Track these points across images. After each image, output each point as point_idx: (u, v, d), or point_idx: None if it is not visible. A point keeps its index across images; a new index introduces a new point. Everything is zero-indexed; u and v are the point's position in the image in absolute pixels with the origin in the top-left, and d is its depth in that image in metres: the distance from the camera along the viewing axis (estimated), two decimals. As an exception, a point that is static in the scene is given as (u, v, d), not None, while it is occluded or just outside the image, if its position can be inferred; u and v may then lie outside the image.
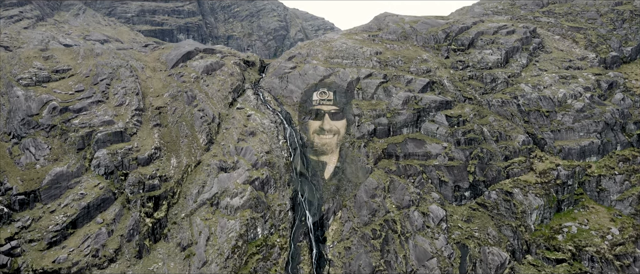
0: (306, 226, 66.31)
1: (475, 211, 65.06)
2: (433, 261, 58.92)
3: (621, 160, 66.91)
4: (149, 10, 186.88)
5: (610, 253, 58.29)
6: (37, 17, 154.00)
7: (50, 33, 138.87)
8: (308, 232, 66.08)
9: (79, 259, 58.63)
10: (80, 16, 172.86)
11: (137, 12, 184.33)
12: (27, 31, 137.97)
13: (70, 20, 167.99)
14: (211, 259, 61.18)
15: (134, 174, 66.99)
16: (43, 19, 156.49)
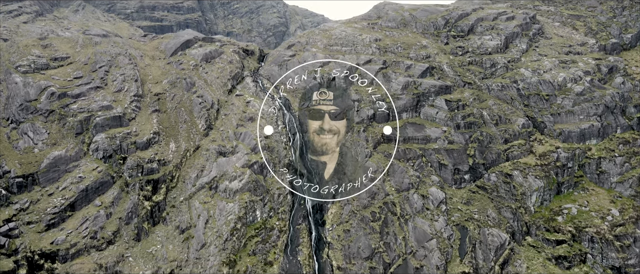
0: (305, 209, 66.12)
1: (474, 193, 64.86)
2: (432, 242, 58.73)
3: (621, 143, 66.71)
4: (148, 7, 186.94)
5: (610, 233, 58.09)
6: (36, 13, 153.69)
7: (49, 27, 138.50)
8: (307, 215, 65.89)
9: (77, 240, 58.46)
10: (80, 12, 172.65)
11: (137, 8, 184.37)
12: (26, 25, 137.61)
13: (69, 16, 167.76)
14: (210, 242, 61.02)
15: (132, 158, 66.80)
16: (42, 14, 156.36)
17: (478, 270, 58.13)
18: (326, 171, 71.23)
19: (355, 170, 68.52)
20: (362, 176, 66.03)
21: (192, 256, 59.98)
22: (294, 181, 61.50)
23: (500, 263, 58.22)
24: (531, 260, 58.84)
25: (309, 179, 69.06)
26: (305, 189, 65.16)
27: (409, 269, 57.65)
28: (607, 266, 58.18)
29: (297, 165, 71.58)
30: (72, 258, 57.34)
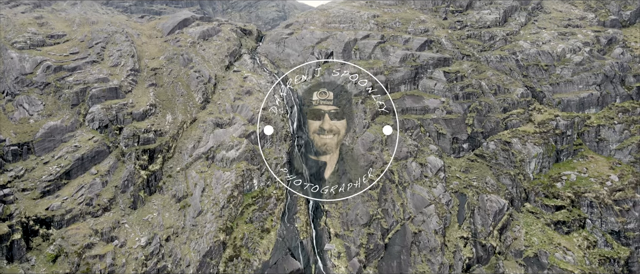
0: (303, 177, 65.62)
1: (473, 162, 64.46)
2: (431, 208, 58.31)
3: (620, 111, 66.30)
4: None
5: (609, 198, 57.72)
6: (34, 4, 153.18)
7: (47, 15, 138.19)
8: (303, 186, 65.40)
9: (73, 207, 58.00)
10: (78, 5, 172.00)
11: (135, 0, 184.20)
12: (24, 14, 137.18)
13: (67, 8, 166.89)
14: (206, 209, 60.58)
15: (128, 128, 66.27)
16: (40, 6, 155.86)
17: (476, 235, 57.73)
18: (326, 171, 70.22)
19: (356, 170, 66.60)
20: (362, 177, 64.26)
21: (189, 224, 59.55)
22: (294, 181, 59.77)
23: (498, 228, 57.82)
24: (530, 226, 58.46)
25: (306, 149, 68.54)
26: (306, 188, 63.39)
27: (407, 234, 57.24)
28: (606, 230, 57.83)
29: (295, 137, 71.12)
30: (68, 224, 56.88)
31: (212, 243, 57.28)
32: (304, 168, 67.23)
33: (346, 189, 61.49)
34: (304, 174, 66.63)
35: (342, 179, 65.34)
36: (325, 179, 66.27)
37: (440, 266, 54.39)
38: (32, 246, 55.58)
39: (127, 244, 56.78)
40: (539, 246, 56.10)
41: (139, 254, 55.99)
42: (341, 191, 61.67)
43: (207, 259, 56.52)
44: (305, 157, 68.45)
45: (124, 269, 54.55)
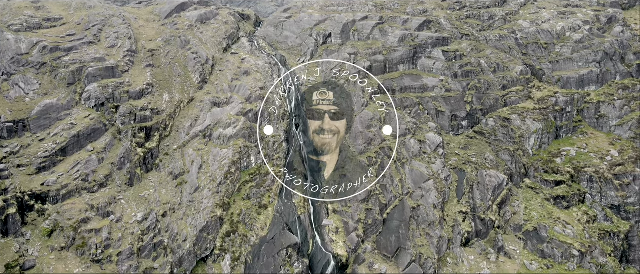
0: (301, 156, 65.19)
1: (472, 139, 64.04)
2: (430, 183, 57.87)
3: (621, 88, 65.87)
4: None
5: (609, 172, 57.32)
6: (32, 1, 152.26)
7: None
8: (302, 161, 64.98)
9: (69, 182, 57.49)
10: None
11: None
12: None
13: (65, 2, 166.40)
14: (203, 185, 60.11)
15: (125, 106, 65.70)
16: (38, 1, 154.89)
17: (475, 210, 57.32)
18: (326, 171, 69.38)
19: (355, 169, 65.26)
20: (362, 177, 62.80)
21: (186, 200, 59.10)
22: (294, 181, 58.50)
23: (498, 202, 57.41)
24: (529, 201, 58.06)
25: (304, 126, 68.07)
26: (305, 188, 61.75)
27: (405, 209, 56.80)
28: (606, 205, 57.46)
29: (293, 116, 70.66)
30: (63, 199, 56.39)
31: (209, 218, 56.83)
32: (302, 147, 66.73)
33: (346, 189, 60.38)
34: (301, 153, 66.08)
35: (343, 180, 63.79)
36: (325, 179, 65.17)
37: (439, 239, 53.97)
38: (27, 221, 55.13)
39: (123, 219, 56.32)
40: (538, 221, 55.70)
41: (136, 229, 55.52)
42: (341, 191, 60.51)
43: (204, 234, 56.06)
44: (303, 134, 67.98)
45: (120, 244, 54.07)
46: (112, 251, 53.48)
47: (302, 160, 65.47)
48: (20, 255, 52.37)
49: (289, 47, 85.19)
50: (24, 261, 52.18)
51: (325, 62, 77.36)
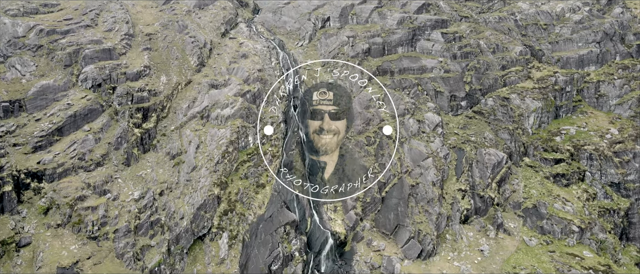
0: (298, 136, 64.77)
1: (471, 119, 63.62)
2: (428, 161, 57.45)
3: (620, 68, 65.46)
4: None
5: (609, 150, 56.90)
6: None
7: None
8: (301, 141, 64.58)
9: (65, 161, 57.10)
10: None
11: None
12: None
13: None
14: (201, 165, 59.70)
15: (122, 87, 65.29)
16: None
17: (474, 187, 56.93)
18: (326, 172, 68.56)
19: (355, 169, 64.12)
20: (362, 176, 61.64)
21: (183, 179, 58.68)
22: (294, 181, 57.47)
23: (497, 180, 57.00)
24: (529, 179, 57.65)
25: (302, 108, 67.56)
26: (306, 188, 60.48)
27: (404, 187, 56.39)
28: (606, 182, 57.05)
29: (291, 97, 70.23)
30: (59, 177, 56.01)
31: (207, 196, 56.42)
32: (301, 127, 66.29)
33: (346, 190, 59.39)
34: (300, 133, 65.64)
35: (343, 180, 62.65)
36: (325, 179, 64.11)
37: (438, 216, 53.56)
38: (23, 199, 54.74)
39: (120, 197, 55.93)
40: (537, 198, 55.28)
41: (132, 207, 55.12)
42: (341, 191, 59.57)
43: (201, 212, 55.65)
44: (301, 116, 67.52)
45: (117, 221, 53.67)
46: (109, 228, 53.09)
47: (301, 141, 65.02)
48: (15, 232, 51.98)
49: (287, 32, 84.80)
50: (19, 238, 51.81)
51: (324, 45, 76.94)
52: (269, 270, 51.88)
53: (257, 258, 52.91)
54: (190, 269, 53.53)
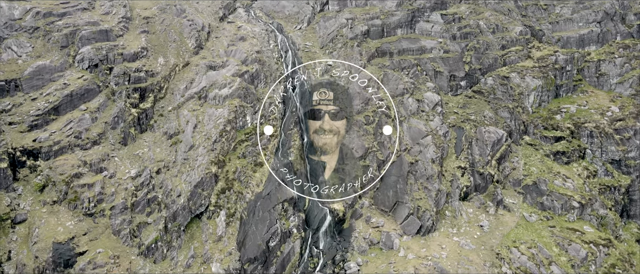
0: (297, 116, 64.26)
1: (471, 98, 63.17)
2: (428, 139, 57.00)
3: (621, 47, 64.98)
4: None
5: (610, 127, 56.44)
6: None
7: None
8: (299, 121, 64.08)
9: (61, 139, 56.64)
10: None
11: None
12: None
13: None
14: (198, 144, 59.23)
15: (119, 67, 64.78)
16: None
17: (474, 165, 56.45)
18: (326, 172, 67.58)
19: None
20: (362, 177, 60.44)
21: (180, 158, 58.23)
22: (294, 181, 56.40)
23: (497, 157, 56.53)
24: (529, 157, 57.14)
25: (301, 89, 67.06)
26: (305, 188, 59.00)
27: (403, 164, 55.92)
28: (606, 160, 56.59)
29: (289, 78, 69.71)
30: (56, 155, 55.55)
31: (204, 174, 55.96)
32: (299, 108, 65.77)
33: (346, 190, 58.29)
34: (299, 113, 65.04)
35: (343, 179, 61.34)
36: (325, 179, 63.05)
37: (437, 192, 53.09)
38: (19, 177, 54.30)
39: (116, 175, 55.46)
40: (538, 175, 54.83)
41: (129, 185, 54.66)
42: (341, 190, 58.55)
43: (199, 189, 55.19)
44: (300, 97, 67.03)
45: (113, 198, 53.21)
46: (105, 205, 52.64)
47: (299, 121, 64.52)
48: (11, 209, 51.56)
49: (286, 16, 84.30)
50: (15, 215, 51.38)
51: (323, 28, 76.44)
52: (266, 246, 51.46)
53: (255, 235, 52.47)
54: (187, 247, 53.09)
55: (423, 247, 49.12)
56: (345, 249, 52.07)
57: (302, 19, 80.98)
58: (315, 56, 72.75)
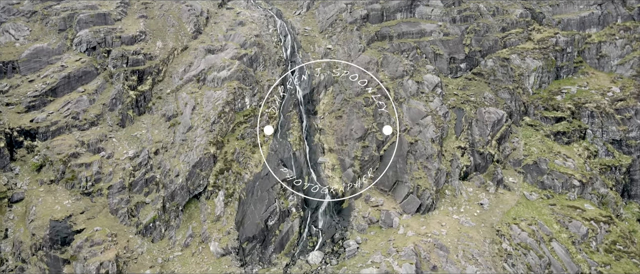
0: (296, 98, 63.89)
1: (470, 80, 62.78)
2: (427, 119, 56.62)
3: (622, 29, 64.53)
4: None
5: (610, 107, 56.07)
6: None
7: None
8: (298, 104, 63.73)
9: (58, 119, 56.37)
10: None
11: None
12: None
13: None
14: (197, 125, 58.90)
15: (117, 50, 64.42)
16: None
17: (474, 145, 56.07)
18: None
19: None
20: (362, 177, 59.27)
21: (178, 139, 57.91)
22: (294, 181, 55.48)
23: (497, 138, 56.14)
24: (529, 137, 56.80)
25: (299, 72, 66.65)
26: (305, 188, 57.95)
27: (403, 144, 55.53)
28: (607, 140, 56.20)
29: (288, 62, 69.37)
30: (53, 136, 55.29)
31: (202, 154, 55.65)
32: (298, 91, 65.38)
33: (346, 190, 57.28)
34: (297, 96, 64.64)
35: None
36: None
37: (437, 171, 52.73)
38: (16, 157, 54.03)
39: (114, 155, 55.17)
40: (538, 155, 54.44)
41: (127, 165, 54.34)
42: (341, 190, 57.32)
43: (197, 170, 54.86)
44: (299, 80, 66.63)
45: (111, 178, 52.92)
46: (103, 185, 52.34)
47: (298, 103, 64.16)
48: (8, 188, 51.29)
49: (285, 2, 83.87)
50: (12, 194, 51.12)
51: (322, 12, 76.06)
52: (265, 225, 51.11)
53: (254, 214, 52.13)
54: (185, 226, 52.76)
55: (423, 225, 48.78)
56: (345, 228, 51.73)
57: (301, 4, 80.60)
58: (314, 40, 72.37)
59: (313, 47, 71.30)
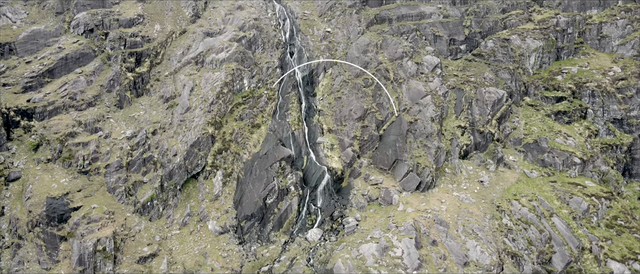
0: (295, 80, 63.46)
1: (470, 61, 62.37)
2: (427, 98, 56.18)
3: (623, 10, 64.04)
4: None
5: (611, 86, 55.63)
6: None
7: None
8: (297, 85, 63.31)
9: (56, 100, 55.96)
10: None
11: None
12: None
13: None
14: (195, 106, 58.49)
15: (114, 32, 64.01)
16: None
17: (474, 124, 55.67)
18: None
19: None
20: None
21: (176, 120, 57.49)
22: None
23: (497, 117, 55.75)
24: (529, 117, 56.39)
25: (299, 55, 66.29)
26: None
27: (402, 124, 55.12)
28: (608, 119, 55.79)
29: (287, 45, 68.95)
30: (50, 115, 54.89)
31: (200, 134, 55.23)
32: (297, 72, 64.94)
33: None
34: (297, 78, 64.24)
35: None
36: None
37: (436, 150, 52.30)
38: (12, 137, 53.66)
39: (111, 135, 54.75)
40: (538, 134, 54.04)
41: (124, 145, 53.91)
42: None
43: (195, 149, 54.46)
44: (298, 62, 66.17)
45: (108, 157, 52.47)
46: (100, 164, 51.91)
47: (297, 85, 63.72)
48: (5, 167, 50.88)
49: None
50: (8, 173, 50.72)
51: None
52: (263, 203, 50.71)
53: (252, 193, 51.73)
54: (183, 205, 52.34)
55: (422, 202, 48.37)
56: (344, 206, 51.33)
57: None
58: (313, 24, 71.91)
59: (312, 31, 70.87)
